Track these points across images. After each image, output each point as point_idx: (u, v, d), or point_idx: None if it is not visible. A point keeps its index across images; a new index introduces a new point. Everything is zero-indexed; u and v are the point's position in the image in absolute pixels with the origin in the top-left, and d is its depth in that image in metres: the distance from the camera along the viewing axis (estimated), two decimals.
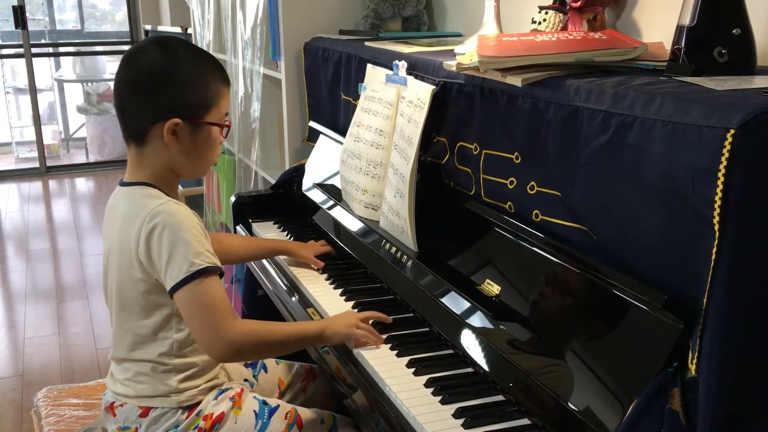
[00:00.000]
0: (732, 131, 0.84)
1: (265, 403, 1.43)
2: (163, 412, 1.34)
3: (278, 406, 1.43)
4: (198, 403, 1.36)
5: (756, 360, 0.89)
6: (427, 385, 1.22)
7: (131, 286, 1.31)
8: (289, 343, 1.37)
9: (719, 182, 0.85)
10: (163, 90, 1.28)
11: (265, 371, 1.62)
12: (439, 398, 1.18)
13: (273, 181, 2.32)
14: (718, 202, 0.85)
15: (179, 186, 1.44)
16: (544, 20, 1.52)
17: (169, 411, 1.34)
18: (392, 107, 1.63)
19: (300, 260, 1.77)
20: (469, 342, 1.28)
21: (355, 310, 1.49)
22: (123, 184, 1.35)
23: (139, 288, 1.30)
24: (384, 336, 1.37)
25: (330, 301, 1.57)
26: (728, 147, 0.84)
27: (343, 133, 1.84)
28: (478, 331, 1.27)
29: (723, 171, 0.84)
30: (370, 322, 1.40)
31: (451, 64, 1.44)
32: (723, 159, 0.84)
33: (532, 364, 1.14)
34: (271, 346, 1.35)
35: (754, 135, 0.83)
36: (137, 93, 1.30)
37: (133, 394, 1.35)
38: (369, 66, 1.77)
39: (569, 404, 1.04)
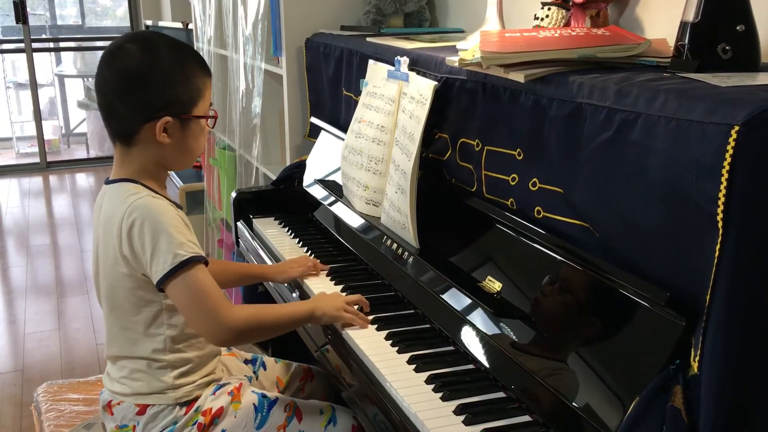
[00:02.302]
0: (736, 128, 0.83)
1: (264, 396, 1.43)
2: (160, 409, 1.34)
3: (277, 398, 1.43)
4: (195, 399, 1.36)
5: (759, 358, 0.89)
6: (428, 381, 1.21)
7: (119, 283, 1.30)
8: (284, 324, 1.41)
9: (723, 179, 0.84)
10: (151, 89, 1.28)
11: (264, 369, 1.62)
12: (440, 395, 1.17)
13: (274, 177, 2.32)
14: (722, 199, 0.85)
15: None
16: (547, 16, 1.52)
17: (166, 408, 1.34)
18: (394, 103, 1.62)
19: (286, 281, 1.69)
20: (470, 339, 1.28)
21: (343, 294, 1.54)
22: (108, 182, 1.35)
23: (126, 285, 1.30)
24: (384, 332, 1.37)
25: None
26: (732, 143, 0.83)
27: (345, 129, 1.83)
28: (480, 328, 1.26)
29: (727, 168, 0.84)
30: (355, 307, 1.45)
31: (453, 60, 1.44)
32: (727, 156, 0.84)
33: (533, 362, 1.14)
34: (267, 327, 1.38)
35: (758, 131, 0.83)
36: (124, 94, 1.28)
37: (130, 392, 1.35)
38: (371, 62, 1.77)
39: (570, 401, 1.04)
